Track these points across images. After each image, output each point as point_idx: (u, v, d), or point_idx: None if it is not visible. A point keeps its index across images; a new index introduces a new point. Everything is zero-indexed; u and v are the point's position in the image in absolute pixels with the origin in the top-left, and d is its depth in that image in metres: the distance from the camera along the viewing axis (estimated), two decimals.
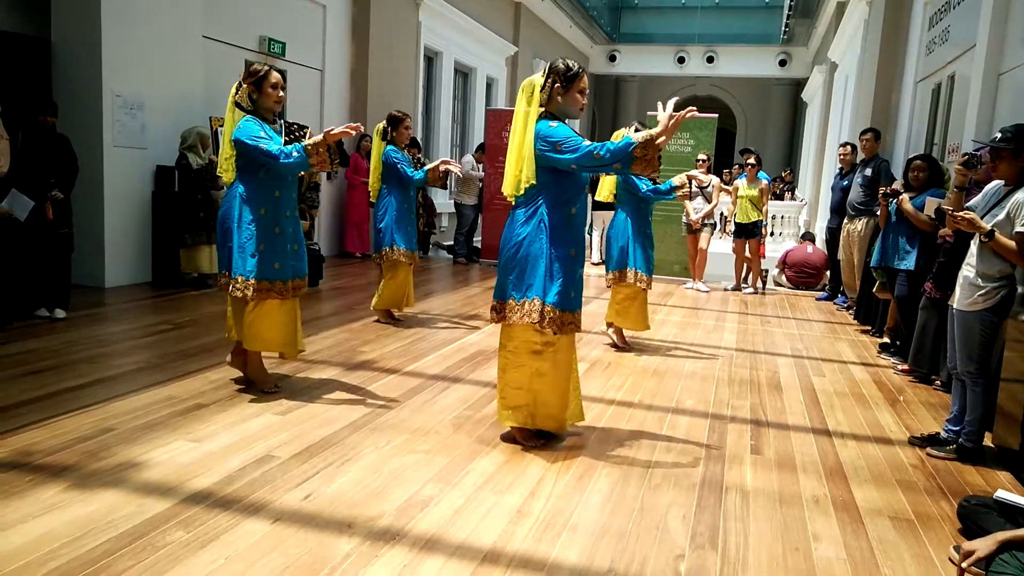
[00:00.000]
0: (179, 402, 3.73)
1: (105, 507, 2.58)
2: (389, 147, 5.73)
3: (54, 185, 5.25)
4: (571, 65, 3.30)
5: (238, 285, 3.80)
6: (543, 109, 3.30)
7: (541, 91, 3.29)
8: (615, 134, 5.55)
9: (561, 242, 3.27)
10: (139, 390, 3.88)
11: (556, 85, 3.28)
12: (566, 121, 3.34)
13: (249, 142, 3.69)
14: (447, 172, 5.67)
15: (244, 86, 3.83)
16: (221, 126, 7.27)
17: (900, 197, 5.30)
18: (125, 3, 6.52)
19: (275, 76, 3.89)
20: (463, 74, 14.19)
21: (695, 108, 3.40)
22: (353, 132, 3.60)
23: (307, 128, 3.95)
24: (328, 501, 2.73)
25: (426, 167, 5.76)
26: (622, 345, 5.59)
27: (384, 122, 5.82)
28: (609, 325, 5.67)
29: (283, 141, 3.83)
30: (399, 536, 2.51)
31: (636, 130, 5.34)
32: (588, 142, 3.17)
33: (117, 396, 3.76)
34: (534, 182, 3.25)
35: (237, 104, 3.84)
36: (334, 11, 9.70)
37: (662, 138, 3.07)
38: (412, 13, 11.39)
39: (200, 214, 6.86)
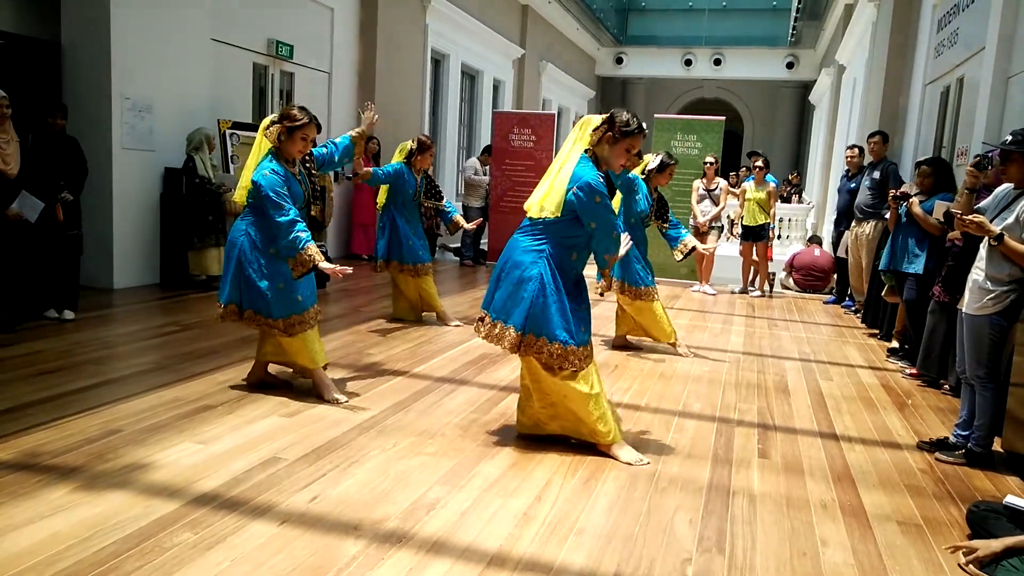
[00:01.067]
0: (186, 404, 3.74)
1: (112, 508, 2.59)
2: (398, 163, 5.84)
3: (64, 187, 5.28)
4: (631, 121, 3.29)
5: (265, 321, 3.87)
6: (589, 148, 3.30)
7: (594, 131, 3.28)
8: (644, 157, 5.54)
9: (555, 282, 3.25)
10: (146, 392, 3.89)
11: (608, 133, 3.28)
12: (603, 169, 3.32)
13: (269, 196, 3.67)
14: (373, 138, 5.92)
15: (277, 126, 3.80)
16: (229, 128, 7.39)
17: (910, 200, 5.28)
18: (134, 6, 6.56)
19: (312, 131, 3.87)
20: (470, 76, 14.21)
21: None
22: (340, 276, 3.60)
23: (311, 157, 4.04)
24: (335, 503, 2.74)
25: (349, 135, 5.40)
26: (626, 345, 5.62)
27: (412, 142, 5.90)
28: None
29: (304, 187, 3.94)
30: (405, 538, 2.51)
31: (661, 163, 5.42)
32: (614, 219, 3.29)
33: (124, 398, 3.77)
34: (557, 215, 3.23)
35: (267, 135, 3.84)
36: (342, 14, 9.73)
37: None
38: (419, 16, 11.41)
39: (209, 217, 6.89)
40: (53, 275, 5.37)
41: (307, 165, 4.02)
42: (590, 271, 3.55)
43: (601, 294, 5.19)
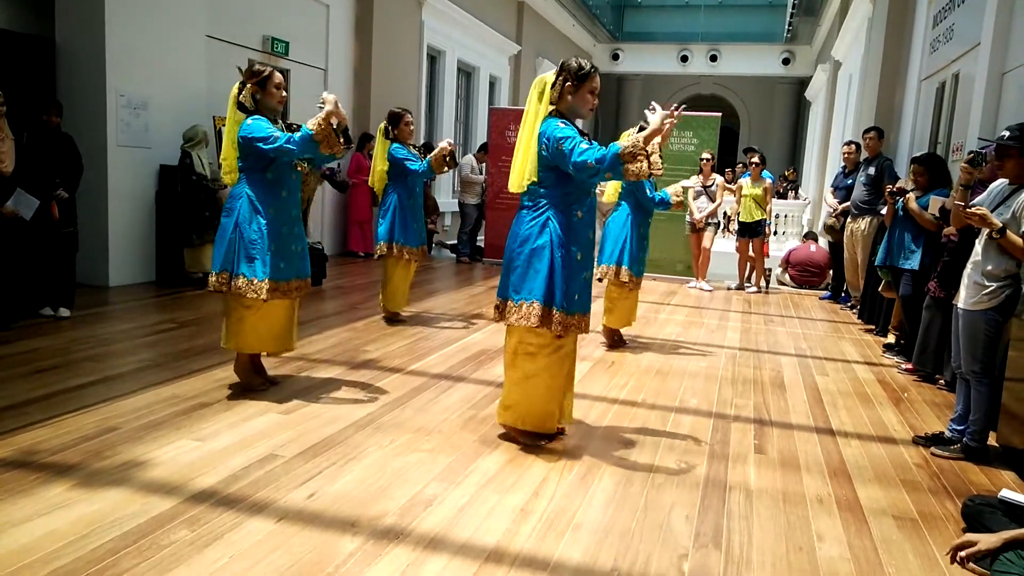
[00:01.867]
0: (183, 401, 3.74)
1: (109, 506, 2.59)
2: (393, 144, 5.73)
3: (59, 184, 5.27)
4: (583, 64, 3.28)
5: (251, 287, 3.76)
6: (553, 108, 3.29)
7: (551, 88, 3.27)
8: (623, 135, 5.55)
9: (565, 244, 3.24)
10: (143, 389, 3.89)
11: (567, 84, 3.26)
12: (576, 121, 3.33)
13: (255, 136, 3.68)
14: (451, 153, 5.67)
15: (248, 86, 3.81)
16: (224, 125, 7.35)
17: (907, 196, 5.29)
18: (129, 2, 6.53)
19: (278, 76, 3.88)
20: (466, 73, 14.19)
21: (685, 105, 3.36)
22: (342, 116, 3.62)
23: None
24: (332, 500, 2.74)
25: (428, 157, 5.71)
26: (614, 343, 5.59)
27: (385, 121, 5.82)
28: (604, 328, 5.68)
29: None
30: (403, 535, 2.51)
31: (640, 128, 5.36)
32: (586, 145, 3.11)
33: (121, 395, 3.76)
34: (535, 179, 3.25)
35: (240, 105, 3.82)
36: (337, 10, 9.71)
37: (651, 140, 3.10)
38: (415, 12, 11.39)
39: (205, 213, 6.87)
40: (49, 273, 5.36)
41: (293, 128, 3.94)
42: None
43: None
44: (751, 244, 8.97)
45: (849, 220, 7.50)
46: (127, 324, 5.39)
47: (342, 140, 3.70)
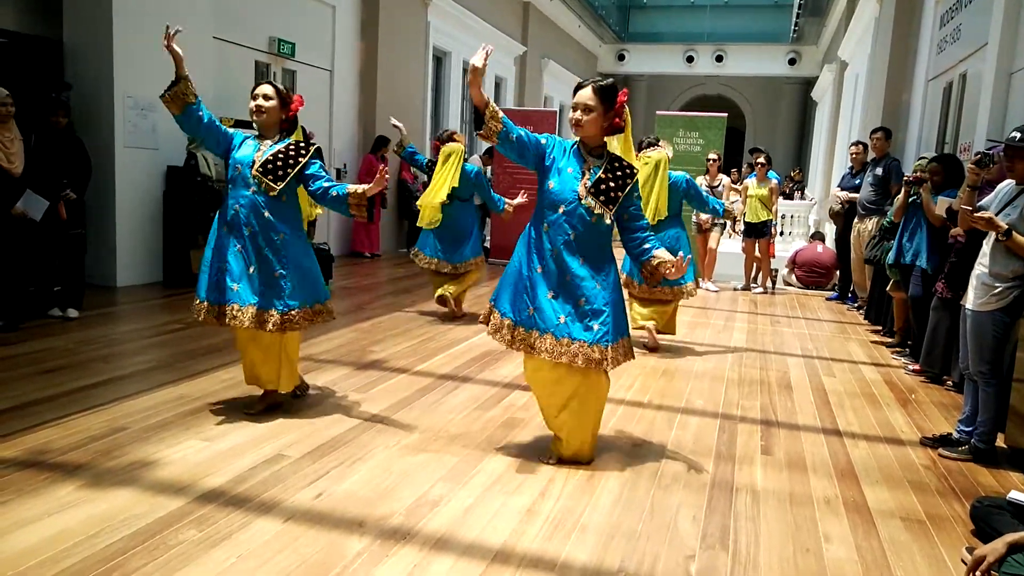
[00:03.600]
0: (190, 401, 3.75)
1: (118, 505, 2.60)
2: (470, 165, 6.11)
3: (67, 186, 5.29)
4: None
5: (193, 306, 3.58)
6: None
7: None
8: (652, 158, 5.50)
9: (531, 256, 3.13)
10: (151, 389, 3.90)
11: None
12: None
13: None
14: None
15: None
16: (231, 127, 7.37)
17: (924, 185, 5.23)
18: (136, 4, 6.56)
19: (256, 89, 3.71)
20: None
21: (491, 47, 3.26)
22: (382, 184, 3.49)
23: (304, 153, 3.57)
24: (339, 500, 2.75)
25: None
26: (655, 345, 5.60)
27: (443, 134, 6.28)
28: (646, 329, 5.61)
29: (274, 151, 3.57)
30: (410, 535, 2.52)
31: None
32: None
33: (129, 395, 3.78)
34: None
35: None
36: (343, 12, 9.73)
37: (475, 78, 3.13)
38: (421, 13, 11.40)
39: (210, 213, 6.88)
40: (57, 273, 5.38)
41: (294, 150, 3.59)
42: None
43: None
44: (757, 245, 8.95)
45: (856, 220, 7.48)
46: (135, 325, 5.42)
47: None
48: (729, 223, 11.44)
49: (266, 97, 3.62)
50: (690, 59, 20.70)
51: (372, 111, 10.27)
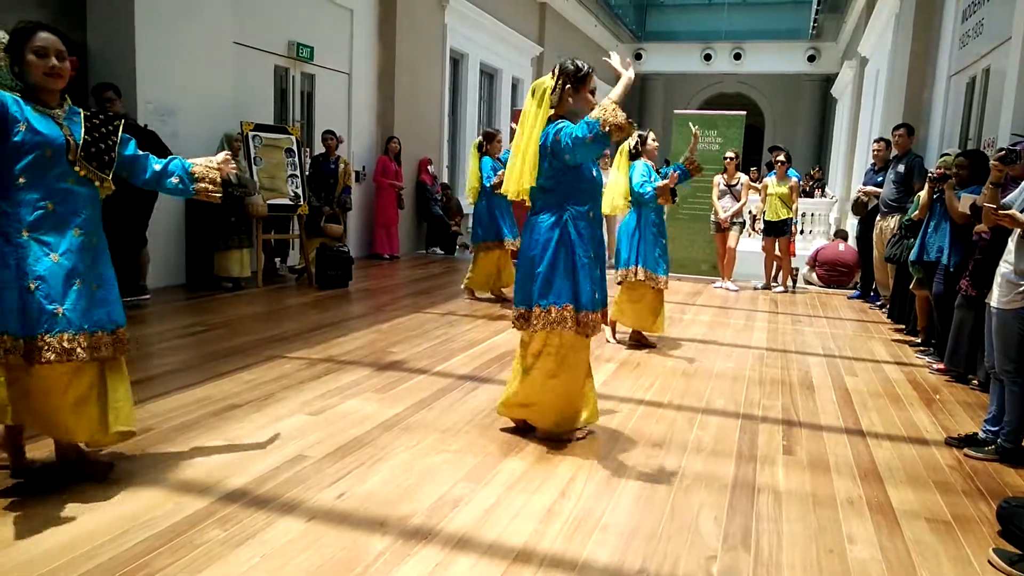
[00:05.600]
0: (214, 403, 3.79)
1: (144, 506, 2.64)
2: (484, 158, 7.00)
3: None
4: (580, 65, 3.25)
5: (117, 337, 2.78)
6: (553, 111, 3.26)
7: (551, 93, 3.23)
8: (620, 148, 5.54)
9: (583, 244, 3.27)
10: (175, 391, 3.95)
11: (566, 87, 3.23)
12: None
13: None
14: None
15: (1, 56, 2.68)
16: (252, 130, 7.47)
17: (948, 181, 5.16)
18: (158, 10, 6.65)
19: (42, 37, 2.63)
20: (488, 75, 14.23)
21: (628, 61, 3.28)
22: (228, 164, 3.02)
23: (118, 122, 2.84)
24: (361, 500, 2.77)
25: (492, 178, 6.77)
26: (631, 343, 5.59)
27: (480, 137, 7.15)
28: (612, 324, 5.68)
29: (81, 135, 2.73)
30: (431, 535, 2.53)
31: (639, 136, 5.41)
32: (572, 130, 3.12)
33: (154, 396, 3.83)
34: (534, 184, 3.24)
35: None
36: (361, 15, 9.79)
37: (621, 94, 3.05)
38: (438, 15, 11.44)
39: (232, 218, 6.97)
40: None
41: (98, 120, 2.81)
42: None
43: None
44: (777, 243, 8.88)
45: (878, 218, 7.40)
46: (159, 327, 5.48)
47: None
48: (749, 222, 11.38)
49: (61, 55, 2.68)
50: (708, 57, 20.59)
51: (390, 113, 10.32)
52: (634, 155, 5.49)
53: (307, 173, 8.07)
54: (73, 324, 2.62)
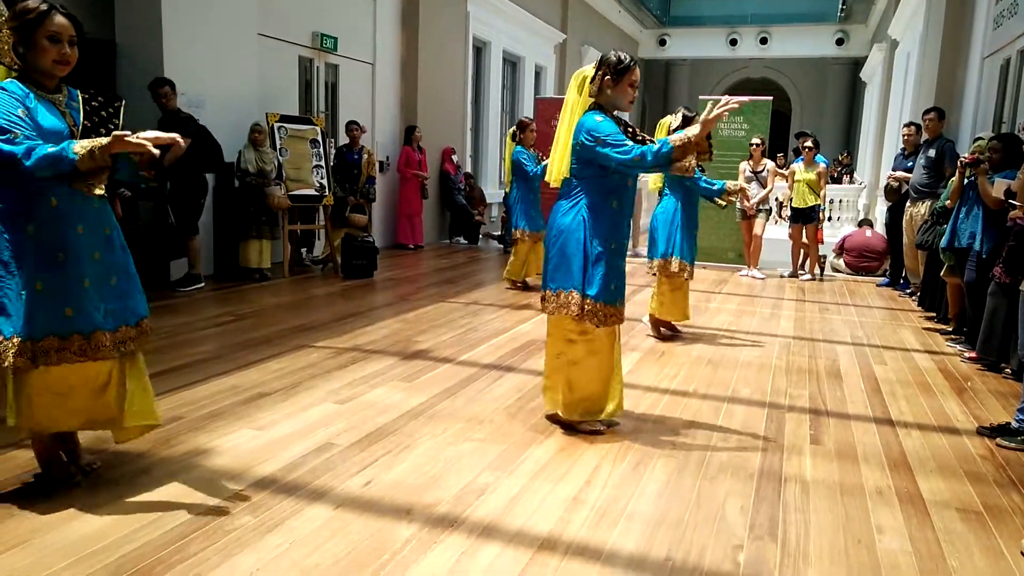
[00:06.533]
0: (242, 391, 3.85)
1: (177, 492, 2.69)
2: (518, 147, 7.11)
3: (121, 184, 5.45)
4: (623, 57, 3.29)
5: None
6: (592, 100, 3.32)
7: (591, 83, 3.30)
8: (661, 122, 5.49)
9: (601, 234, 3.28)
10: (205, 380, 4.01)
11: (607, 77, 3.28)
12: (615, 113, 3.35)
13: None
14: None
15: (4, 32, 2.49)
16: (277, 121, 7.52)
17: (980, 166, 5.06)
18: (184, 3, 6.71)
19: (58, 22, 2.51)
20: (511, 63, 14.17)
21: (745, 96, 3.33)
22: (167, 141, 2.56)
23: (119, 104, 2.76)
24: (387, 488, 2.80)
25: (543, 163, 6.62)
26: (664, 335, 5.52)
27: (514, 127, 7.26)
28: (651, 317, 5.60)
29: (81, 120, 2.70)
30: (457, 523, 2.55)
31: (683, 117, 5.29)
32: (630, 143, 3.18)
33: (184, 386, 3.90)
34: (567, 175, 3.33)
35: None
36: (384, 4, 9.80)
37: (704, 135, 3.13)
38: (460, 3, 11.41)
39: (251, 208, 7.04)
40: None
41: (97, 103, 2.81)
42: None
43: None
44: (804, 230, 8.77)
45: (908, 204, 7.28)
46: (188, 317, 5.57)
47: (147, 176, 2.73)
48: (775, 209, 11.24)
49: (72, 41, 2.58)
50: (733, 42, 20.31)
51: (413, 103, 10.34)
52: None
53: (331, 164, 8.12)
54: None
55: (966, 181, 5.30)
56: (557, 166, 3.37)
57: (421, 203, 10.17)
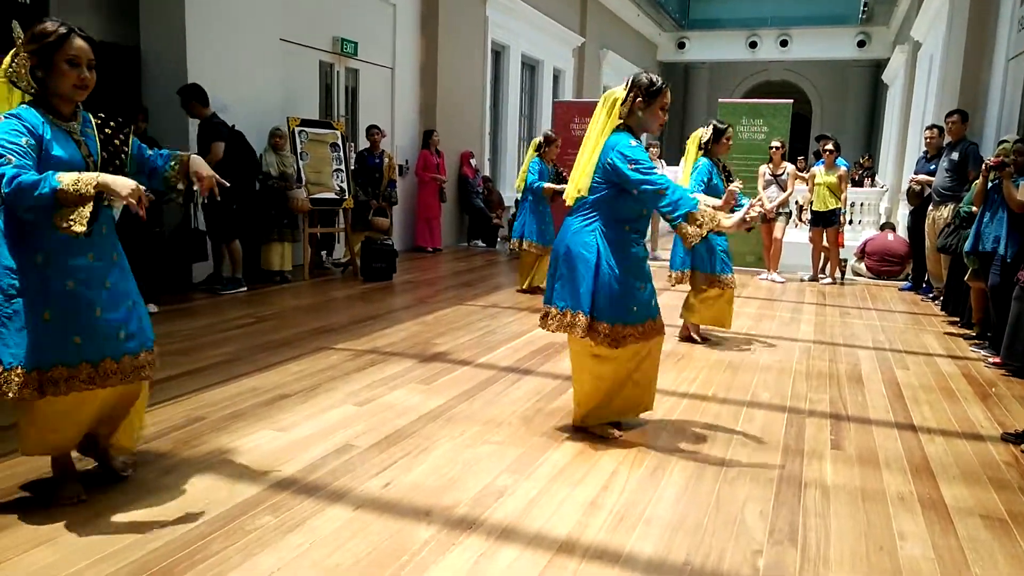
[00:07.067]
0: (263, 393, 3.89)
1: (199, 492, 2.72)
2: (534, 159, 7.19)
3: (145, 188, 5.54)
4: (655, 80, 3.26)
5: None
6: (621, 122, 3.28)
7: (622, 104, 3.26)
8: (692, 136, 5.43)
9: (614, 257, 3.22)
10: (226, 381, 4.06)
11: (638, 99, 3.25)
12: (642, 136, 3.34)
13: None
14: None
15: (22, 55, 2.44)
16: (298, 126, 7.59)
17: (1005, 170, 4.99)
18: (207, 9, 6.80)
19: (77, 45, 2.44)
20: (530, 67, 14.20)
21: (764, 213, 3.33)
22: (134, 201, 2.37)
23: (127, 131, 2.73)
24: (407, 490, 2.81)
25: (542, 184, 7.06)
26: (689, 338, 5.49)
27: (541, 137, 7.36)
28: (686, 328, 5.53)
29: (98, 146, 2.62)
30: (475, 525, 2.56)
31: (715, 128, 5.26)
32: (661, 172, 3.17)
33: (206, 387, 3.94)
34: (586, 195, 3.27)
35: (12, 82, 2.47)
36: (403, 9, 9.86)
37: (730, 231, 3.17)
38: (479, 8, 11.46)
39: (272, 211, 7.11)
40: (137, 271, 5.63)
41: (110, 129, 2.69)
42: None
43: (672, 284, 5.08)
44: (825, 234, 8.70)
45: (931, 207, 7.20)
46: (210, 319, 5.63)
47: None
48: (796, 212, 11.15)
49: (91, 65, 2.51)
50: (753, 45, 20.18)
51: (432, 106, 10.39)
52: (705, 150, 5.33)
53: (353, 168, 8.18)
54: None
55: (990, 184, 5.24)
56: (576, 185, 3.31)
57: (439, 206, 10.22)
